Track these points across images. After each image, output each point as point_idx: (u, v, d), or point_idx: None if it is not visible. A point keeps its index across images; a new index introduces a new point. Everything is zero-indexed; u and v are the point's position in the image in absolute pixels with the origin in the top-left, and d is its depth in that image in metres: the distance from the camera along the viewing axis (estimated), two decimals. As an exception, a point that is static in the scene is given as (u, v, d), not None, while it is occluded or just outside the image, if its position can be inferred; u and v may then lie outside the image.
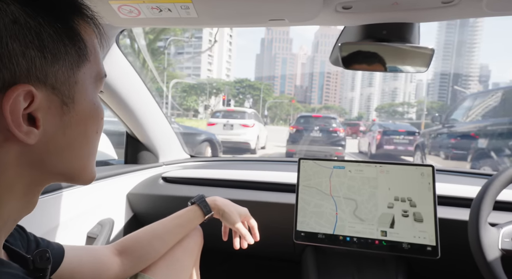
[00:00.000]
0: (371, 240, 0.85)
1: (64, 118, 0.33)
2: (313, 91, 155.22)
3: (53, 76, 0.31)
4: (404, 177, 0.88)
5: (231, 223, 0.79)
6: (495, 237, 0.71)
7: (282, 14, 0.65)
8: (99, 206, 0.99)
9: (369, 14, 0.64)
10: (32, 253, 0.43)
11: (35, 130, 0.31)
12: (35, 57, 0.30)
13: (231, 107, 11.08)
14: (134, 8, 0.64)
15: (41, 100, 0.31)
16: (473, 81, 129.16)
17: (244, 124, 8.64)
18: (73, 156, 0.36)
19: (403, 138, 8.64)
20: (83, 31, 0.35)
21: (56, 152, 0.34)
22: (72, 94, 0.33)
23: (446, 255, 0.81)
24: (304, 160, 0.95)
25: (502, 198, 0.84)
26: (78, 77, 0.34)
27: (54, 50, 0.31)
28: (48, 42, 0.31)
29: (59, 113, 0.33)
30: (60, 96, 0.32)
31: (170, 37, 20.81)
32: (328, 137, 7.87)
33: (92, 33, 0.37)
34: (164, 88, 19.93)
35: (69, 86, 0.33)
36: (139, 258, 0.66)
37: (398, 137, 8.65)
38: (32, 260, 0.40)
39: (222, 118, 8.98)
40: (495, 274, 0.66)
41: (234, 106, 47.17)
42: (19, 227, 0.47)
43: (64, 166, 0.35)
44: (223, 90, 50.57)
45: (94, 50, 0.36)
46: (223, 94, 45.79)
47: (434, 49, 0.69)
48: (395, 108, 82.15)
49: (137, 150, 1.26)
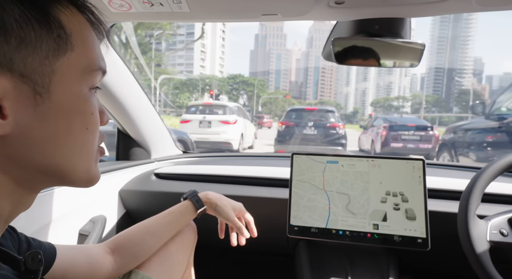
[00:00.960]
0: (363, 233, 0.86)
1: (38, 109, 0.31)
2: (308, 87, 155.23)
3: (21, 63, 0.30)
4: (395, 171, 0.89)
5: (224, 217, 0.79)
6: (483, 229, 0.72)
7: (274, 9, 0.65)
8: (91, 203, 0.98)
9: (362, 9, 0.64)
10: (24, 253, 0.42)
11: (0, 120, 0.29)
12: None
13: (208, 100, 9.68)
14: (125, 2, 0.63)
15: (7, 88, 0.29)
16: (467, 74, 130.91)
17: (224, 121, 7.24)
18: (57, 152, 0.33)
19: (413, 134, 7.32)
20: (65, 18, 0.33)
21: (35, 145, 0.32)
22: (46, 84, 0.31)
23: (436, 246, 0.82)
24: (297, 154, 0.95)
25: (491, 190, 0.86)
26: (56, 67, 0.32)
27: (21, 35, 0.29)
28: (13, 26, 0.29)
29: (32, 104, 0.31)
30: (32, 85, 0.30)
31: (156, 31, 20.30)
32: (325, 134, 6.69)
33: (81, 23, 0.35)
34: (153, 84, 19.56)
35: (43, 75, 0.31)
36: (132, 256, 0.65)
37: (407, 133, 7.34)
38: (24, 261, 0.39)
39: (198, 114, 7.61)
40: (484, 266, 0.68)
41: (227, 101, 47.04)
42: (9, 227, 0.46)
43: (48, 163, 0.33)
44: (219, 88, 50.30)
45: (82, 41, 0.34)
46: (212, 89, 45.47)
47: (425, 44, 0.70)
48: (390, 102, 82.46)
49: (129, 146, 1.25)
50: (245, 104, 52.97)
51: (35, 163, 0.33)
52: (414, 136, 7.33)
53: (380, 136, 7.52)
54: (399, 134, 7.35)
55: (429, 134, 7.33)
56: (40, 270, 0.41)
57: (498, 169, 0.75)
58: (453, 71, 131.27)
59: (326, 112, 7.16)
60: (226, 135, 7.19)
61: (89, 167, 0.37)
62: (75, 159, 0.35)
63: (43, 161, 0.33)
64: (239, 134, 7.56)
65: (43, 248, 0.50)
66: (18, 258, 0.38)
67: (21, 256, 0.39)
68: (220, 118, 7.31)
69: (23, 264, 0.39)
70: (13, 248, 0.44)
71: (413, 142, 7.32)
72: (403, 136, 7.34)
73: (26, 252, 0.45)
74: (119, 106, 1.06)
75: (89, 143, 0.36)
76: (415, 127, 7.41)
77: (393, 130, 7.40)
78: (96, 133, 0.37)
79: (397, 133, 7.35)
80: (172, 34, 22.22)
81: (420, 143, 7.28)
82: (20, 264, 0.38)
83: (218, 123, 7.25)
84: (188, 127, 7.32)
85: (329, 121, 6.87)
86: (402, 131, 7.37)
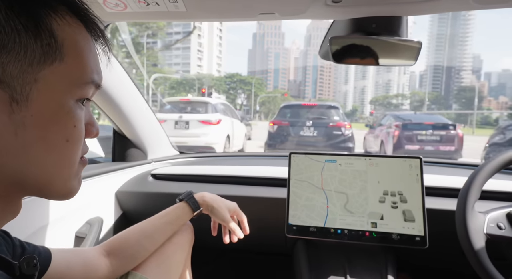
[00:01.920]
0: (362, 232, 0.86)
1: (14, 116, 0.30)
2: (306, 86, 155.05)
3: (0, 68, 0.29)
4: (393, 169, 0.89)
5: (220, 219, 0.79)
6: (481, 222, 0.73)
7: (272, 8, 0.64)
8: (87, 205, 0.97)
9: (359, 7, 0.64)
10: (19, 258, 0.41)
11: None
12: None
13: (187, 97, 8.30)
14: (121, 2, 0.62)
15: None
16: (466, 71, 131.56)
17: (204, 121, 6.00)
18: (33, 163, 0.32)
19: (432, 134, 6.21)
20: (59, 28, 0.32)
21: (7, 154, 0.30)
22: (26, 92, 0.30)
23: (433, 244, 0.83)
24: (295, 154, 0.95)
25: (489, 187, 0.86)
26: (40, 76, 0.31)
27: (3, 40, 0.28)
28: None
29: (8, 110, 0.29)
30: (9, 91, 0.29)
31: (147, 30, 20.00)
32: (327, 136, 5.36)
33: (77, 33, 0.34)
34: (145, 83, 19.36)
35: (24, 83, 0.30)
36: (128, 258, 0.65)
37: (424, 132, 6.22)
38: (19, 266, 0.39)
39: (174, 113, 6.34)
40: (480, 258, 0.68)
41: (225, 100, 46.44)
42: (3, 232, 0.45)
43: (22, 172, 0.32)
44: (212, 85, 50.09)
45: (75, 52, 0.33)
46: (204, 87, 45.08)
47: (421, 42, 0.69)
48: (390, 100, 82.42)
49: (125, 147, 1.24)
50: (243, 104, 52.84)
51: (9, 172, 0.31)
52: (433, 137, 6.22)
53: (391, 137, 6.43)
54: (414, 135, 6.22)
55: (451, 134, 6.21)
56: (35, 275, 0.40)
57: (497, 165, 0.75)
58: (452, 68, 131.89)
59: (329, 108, 5.77)
60: (207, 138, 5.89)
61: (67, 179, 0.36)
62: (52, 170, 0.34)
63: (16, 169, 0.31)
64: (224, 136, 6.35)
65: (37, 252, 0.50)
66: (13, 263, 0.38)
67: (15, 261, 0.38)
68: (200, 117, 6.06)
69: (18, 269, 0.38)
70: (7, 253, 0.43)
71: (432, 143, 6.20)
72: (420, 137, 6.23)
73: (21, 256, 0.45)
74: (114, 107, 1.05)
75: (69, 155, 0.35)
76: (433, 126, 6.29)
77: (407, 130, 6.30)
78: (78, 145, 0.35)
79: (412, 133, 6.22)
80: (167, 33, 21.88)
81: (440, 144, 6.17)
82: (15, 269, 0.38)
83: (198, 124, 5.96)
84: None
85: (332, 120, 5.49)
86: (418, 131, 6.24)
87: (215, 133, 6.02)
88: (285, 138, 5.58)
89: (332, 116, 5.64)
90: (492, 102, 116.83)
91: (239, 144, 7.57)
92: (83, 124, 0.36)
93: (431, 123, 6.43)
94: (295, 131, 5.55)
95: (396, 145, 6.31)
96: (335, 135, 5.27)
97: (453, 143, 6.23)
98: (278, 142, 5.63)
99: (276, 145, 5.70)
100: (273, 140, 5.67)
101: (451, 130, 6.28)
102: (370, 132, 8.21)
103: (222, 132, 6.26)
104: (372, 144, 7.74)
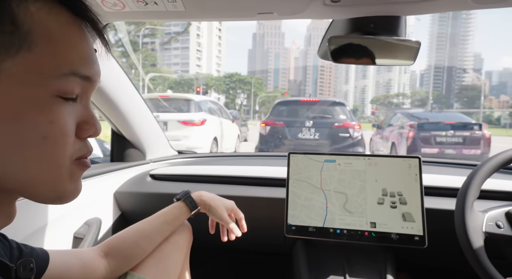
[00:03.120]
0: (361, 231, 0.86)
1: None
2: (307, 85, 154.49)
3: None
4: (392, 169, 0.89)
5: (218, 217, 0.79)
6: (479, 221, 0.73)
7: (270, 7, 0.64)
8: (86, 205, 0.96)
9: (357, 7, 0.64)
10: (16, 261, 0.41)
11: None
12: None
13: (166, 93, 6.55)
14: (119, 1, 0.62)
15: None
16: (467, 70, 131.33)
17: (185, 122, 5.12)
18: (7, 162, 0.30)
19: (454, 135, 5.38)
20: (25, 13, 0.29)
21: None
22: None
23: (432, 243, 0.83)
24: (294, 154, 0.95)
25: (488, 187, 0.86)
26: (3, 67, 0.28)
27: None
28: None
29: None
30: None
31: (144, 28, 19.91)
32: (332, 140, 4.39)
33: (54, 19, 0.31)
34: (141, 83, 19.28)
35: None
36: (126, 259, 0.65)
37: (444, 133, 5.39)
38: (15, 269, 0.38)
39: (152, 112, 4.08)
40: (478, 256, 0.68)
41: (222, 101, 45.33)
42: (0, 235, 0.45)
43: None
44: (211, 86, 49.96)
45: (49, 40, 0.30)
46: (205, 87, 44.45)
47: (420, 42, 0.69)
48: (390, 99, 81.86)
49: (123, 147, 1.23)
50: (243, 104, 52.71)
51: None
52: (454, 138, 5.39)
53: (405, 139, 5.57)
54: (432, 136, 5.39)
55: (475, 135, 5.40)
56: (31, 278, 0.40)
57: (496, 164, 0.76)
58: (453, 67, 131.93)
59: (333, 105, 4.74)
60: (189, 141, 4.97)
61: (56, 182, 0.33)
62: (33, 172, 0.31)
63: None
64: (209, 138, 5.48)
65: (35, 254, 0.49)
66: (10, 266, 0.37)
67: (12, 264, 0.38)
68: (180, 117, 5.17)
69: (14, 272, 0.38)
70: (4, 255, 0.43)
71: (454, 146, 5.37)
72: (439, 138, 5.39)
73: (18, 259, 0.44)
74: (112, 107, 1.05)
75: (51, 154, 0.31)
76: (454, 126, 5.46)
77: (423, 130, 5.48)
78: (61, 144, 0.32)
79: (430, 134, 5.40)
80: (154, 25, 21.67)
81: (463, 147, 5.36)
82: (11, 271, 0.37)
83: (177, 125, 5.08)
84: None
85: (338, 119, 4.50)
86: (436, 132, 5.40)
87: (198, 135, 5.15)
88: (279, 141, 4.56)
89: (337, 115, 4.58)
90: (494, 101, 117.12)
91: (231, 147, 6.74)
92: (67, 121, 0.32)
93: (452, 123, 5.55)
94: (292, 133, 4.51)
95: (411, 148, 5.40)
96: (341, 138, 4.30)
97: (478, 145, 5.41)
98: (272, 146, 4.61)
99: (269, 149, 4.70)
100: (265, 143, 4.64)
101: (476, 131, 5.43)
102: (378, 133, 7.29)
103: (207, 134, 5.41)
104: (380, 146, 6.80)
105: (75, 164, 0.35)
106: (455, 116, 6.70)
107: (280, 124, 4.62)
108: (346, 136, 4.36)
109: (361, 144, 4.52)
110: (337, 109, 4.73)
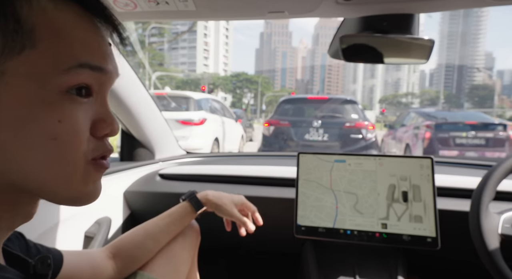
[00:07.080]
0: (372, 233, 0.85)
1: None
2: (314, 85, 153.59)
3: None
4: (403, 169, 0.88)
5: (227, 215, 0.78)
6: (495, 222, 0.72)
7: (281, 6, 0.63)
8: (96, 205, 0.97)
9: (370, 5, 0.63)
10: (34, 258, 0.42)
11: None
12: None
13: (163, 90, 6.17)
14: (131, 1, 0.62)
15: None
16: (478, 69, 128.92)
17: (184, 121, 4.78)
18: (17, 164, 0.29)
19: (475, 137, 4.90)
20: (29, 10, 0.28)
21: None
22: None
23: (445, 245, 0.81)
24: (304, 154, 0.94)
25: (504, 188, 0.85)
26: (7, 67, 0.27)
27: None
28: None
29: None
30: None
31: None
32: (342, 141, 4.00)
33: (57, 15, 0.29)
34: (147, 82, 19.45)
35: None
36: (133, 259, 0.66)
37: (464, 134, 4.92)
38: (34, 265, 0.39)
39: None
40: (494, 259, 0.67)
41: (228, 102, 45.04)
42: (18, 234, 0.46)
43: (9, 176, 0.29)
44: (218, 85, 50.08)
45: (54, 34, 0.29)
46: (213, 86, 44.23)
47: (433, 40, 0.68)
48: (399, 99, 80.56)
49: (132, 146, 1.24)
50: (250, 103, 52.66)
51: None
52: (476, 140, 4.91)
53: (421, 140, 5.13)
54: (451, 137, 4.94)
55: (500, 137, 4.94)
56: (49, 274, 0.41)
57: None
58: (464, 66, 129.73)
59: (344, 104, 4.30)
60: (187, 142, 4.63)
61: (71, 183, 0.31)
62: (48, 174, 0.30)
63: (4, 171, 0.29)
64: (210, 139, 5.13)
65: (51, 254, 0.50)
66: (28, 261, 0.39)
67: (31, 260, 0.39)
68: (178, 116, 4.79)
69: (32, 268, 0.39)
70: (21, 253, 0.44)
71: (475, 148, 4.90)
72: (458, 140, 4.93)
73: (36, 256, 0.45)
74: (122, 106, 1.06)
75: (63, 155, 0.30)
76: (476, 126, 4.98)
77: (441, 131, 5.02)
78: (74, 144, 0.31)
79: (449, 135, 4.95)
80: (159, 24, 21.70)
81: (486, 149, 4.89)
82: (29, 267, 0.39)
83: (175, 124, 4.69)
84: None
85: (349, 119, 4.08)
86: (456, 132, 4.95)
87: (197, 136, 4.80)
88: (284, 143, 4.15)
89: (348, 114, 4.15)
90: (506, 101, 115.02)
91: (234, 149, 6.37)
92: (78, 119, 0.31)
93: (473, 123, 5.08)
94: (298, 134, 4.09)
95: (427, 149, 4.95)
96: (352, 139, 3.89)
97: (503, 147, 4.93)
98: (275, 148, 4.19)
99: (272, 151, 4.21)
100: (268, 146, 4.22)
101: (500, 131, 4.97)
102: (390, 133, 6.82)
103: (207, 134, 5.03)
104: (393, 148, 6.29)
105: (91, 164, 0.33)
106: (476, 115, 6.19)
107: (285, 124, 4.23)
108: (359, 138, 3.99)
109: (375, 146, 4.16)
110: (348, 108, 4.33)
